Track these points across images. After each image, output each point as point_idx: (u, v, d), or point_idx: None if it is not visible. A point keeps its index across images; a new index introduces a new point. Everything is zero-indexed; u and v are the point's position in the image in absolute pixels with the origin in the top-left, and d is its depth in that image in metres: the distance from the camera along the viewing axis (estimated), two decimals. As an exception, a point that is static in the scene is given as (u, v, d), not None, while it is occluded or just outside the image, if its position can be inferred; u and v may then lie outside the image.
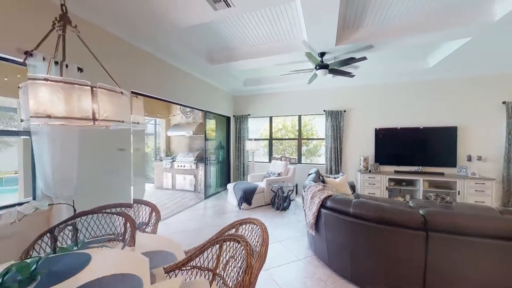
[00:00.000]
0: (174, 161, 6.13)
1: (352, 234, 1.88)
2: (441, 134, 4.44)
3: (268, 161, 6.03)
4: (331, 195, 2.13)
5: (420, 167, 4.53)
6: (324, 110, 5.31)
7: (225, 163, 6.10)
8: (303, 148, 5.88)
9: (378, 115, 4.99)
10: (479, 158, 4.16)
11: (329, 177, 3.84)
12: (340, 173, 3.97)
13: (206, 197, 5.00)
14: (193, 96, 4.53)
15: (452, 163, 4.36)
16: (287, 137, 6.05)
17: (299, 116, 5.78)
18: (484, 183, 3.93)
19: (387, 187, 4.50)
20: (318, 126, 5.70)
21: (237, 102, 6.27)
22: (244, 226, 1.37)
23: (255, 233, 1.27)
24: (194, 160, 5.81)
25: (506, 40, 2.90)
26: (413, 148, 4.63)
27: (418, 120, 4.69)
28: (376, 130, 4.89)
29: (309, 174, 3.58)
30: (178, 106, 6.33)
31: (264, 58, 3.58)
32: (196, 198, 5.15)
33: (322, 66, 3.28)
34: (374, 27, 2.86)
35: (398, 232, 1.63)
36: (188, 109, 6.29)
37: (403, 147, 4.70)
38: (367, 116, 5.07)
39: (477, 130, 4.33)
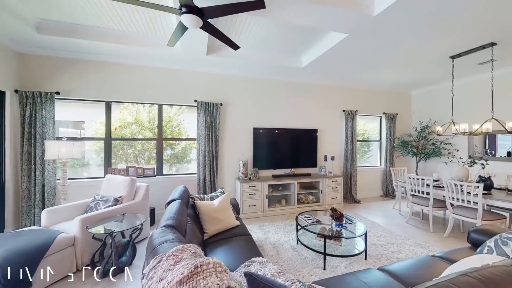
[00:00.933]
0: None
1: None
2: (308, 136, 4.62)
3: (104, 176, 3.63)
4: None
5: (293, 169, 4.45)
6: (196, 101, 3.93)
7: (-12, 188, 2.87)
8: (167, 152, 4.14)
9: (256, 113, 4.41)
10: (332, 158, 4.71)
11: (204, 198, 2.48)
12: (219, 189, 2.76)
13: None
14: None
15: (315, 164, 4.65)
16: (141, 137, 3.99)
17: (160, 106, 3.97)
18: (337, 180, 4.42)
19: (267, 195, 3.94)
20: (188, 123, 4.22)
21: (27, 66, 3.24)
22: None
23: None
24: None
25: (375, 43, 3.07)
26: (287, 150, 4.48)
27: (292, 121, 4.63)
28: (254, 129, 4.26)
29: (169, 202, 2.01)
30: None
31: None
32: None
33: (191, 9, 1.85)
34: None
35: None
36: None
37: (279, 149, 4.43)
38: (246, 113, 4.35)
39: (330, 133, 4.95)
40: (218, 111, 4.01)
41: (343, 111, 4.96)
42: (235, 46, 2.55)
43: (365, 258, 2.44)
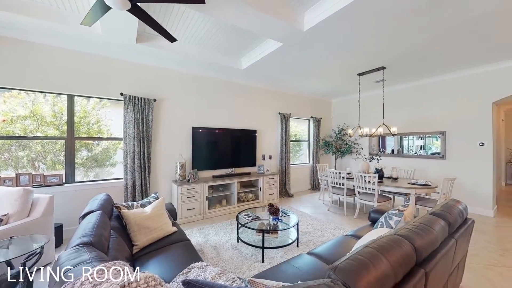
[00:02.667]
0: None
1: None
2: (247, 136, 4.77)
3: (-25, 187, 2.62)
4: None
5: (233, 169, 4.50)
6: (123, 94, 3.40)
7: None
8: (82, 155, 3.39)
9: (195, 112, 4.21)
10: (270, 157, 5.04)
11: (133, 206, 2.18)
12: (152, 195, 2.48)
13: None
14: None
15: (254, 163, 4.86)
16: (41, 135, 3.10)
17: (71, 98, 3.21)
18: (274, 178, 4.76)
19: (207, 196, 3.83)
20: (111, 120, 3.60)
21: None
22: None
23: None
24: None
25: (304, 55, 3.44)
26: (227, 150, 4.49)
27: (232, 122, 4.67)
28: (193, 129, 4.06)
29: (84, 215, 1.66)
30: None
31: None
32: None
33: (116, -14, 1.58)
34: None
35: None
36: None
37: (220, 149, 4.39)
38: (184, 111, 4.09)
39: (267, 134, 5.27)
40: (151, 107, 3.60)
41: (279, 113, 5.40)
42: (171, 38, 2.35)
43: (297, 246, 2.74)
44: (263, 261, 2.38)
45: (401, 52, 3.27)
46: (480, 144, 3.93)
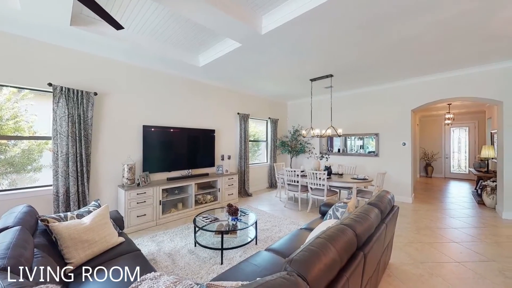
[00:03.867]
0: None
1: None
2: (205, 136, 4.62)
3: None
4: None
5: (190, 170, 4.29)
6: (52, 85, 2.84)
7: None
8: (-10, 158, 2.69)
9: (146, 109, 3.85)
10: (229, 157, 5.00)
11: (67, 217, 1.87)
12: (92, 202, 2.14)
13: None
14: None
15: (213, 163, 4.74)
16: None
17: (-27, 85, 2.52)
18: (233, 178, 4.74)
19: (160, 201, 3.55)
20: (35, 115, 2.97)
21: None
22: None
23: None
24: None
25: (261, 57, 3.52)
26: (184, 150, 4.25)
27: (189, 121, 4.44)
28: (144, 127, 3.70)
29: (-6, 234, 1.33)
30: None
31: None
32: None
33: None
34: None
35: None
36: None
37: (175, 149, 4.12)
38: (133, 108, 3.68)
39: (226, 134, 5.21)
40: (91, 102, 3.12)
41: (238, 113, 5.42)
42: (117, 25, 2.08)
43: (256, 243, 2.80)
44: (222, 263, 2.35)
45: (344, 62, 3.70)
46: (403, 144, 4.79)
